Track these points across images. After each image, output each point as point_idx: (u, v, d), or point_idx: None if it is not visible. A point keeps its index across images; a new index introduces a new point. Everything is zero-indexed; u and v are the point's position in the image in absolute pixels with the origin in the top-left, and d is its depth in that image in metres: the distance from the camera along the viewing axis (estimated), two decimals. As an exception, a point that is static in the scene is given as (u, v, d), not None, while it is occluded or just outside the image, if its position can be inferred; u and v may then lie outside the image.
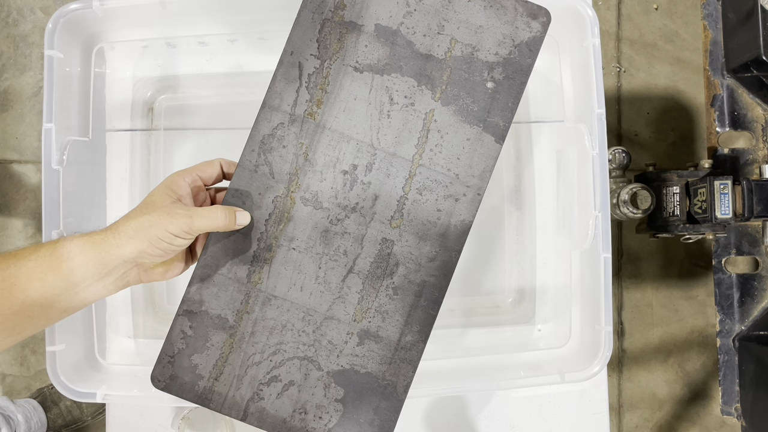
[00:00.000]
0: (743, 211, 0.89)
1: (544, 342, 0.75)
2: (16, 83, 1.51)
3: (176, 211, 0.50)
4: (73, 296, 0.49)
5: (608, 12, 1.57)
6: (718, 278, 0.99)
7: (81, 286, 0.49)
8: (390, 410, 0.56)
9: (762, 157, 0.99)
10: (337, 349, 0.56)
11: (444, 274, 0.56)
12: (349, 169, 0.56)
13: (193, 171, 0.54)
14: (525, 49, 0.57)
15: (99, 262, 0.48)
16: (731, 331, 0.98)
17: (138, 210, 0.50)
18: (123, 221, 0.50)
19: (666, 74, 1.56)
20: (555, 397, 0.75)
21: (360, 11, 0.56)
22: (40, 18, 1.52)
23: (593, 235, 0.65)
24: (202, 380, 0.55)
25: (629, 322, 1.55)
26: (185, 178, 0.53)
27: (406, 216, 0.56)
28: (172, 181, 0.52)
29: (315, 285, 0.56)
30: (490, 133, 0.57)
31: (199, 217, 0.50)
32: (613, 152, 0.98)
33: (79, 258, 0.48)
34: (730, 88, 0.99)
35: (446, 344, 0.74)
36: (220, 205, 0.54)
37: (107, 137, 0.74)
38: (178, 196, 0.52)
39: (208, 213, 0.51)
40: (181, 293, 0.56)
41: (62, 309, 0.49)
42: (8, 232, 1.49)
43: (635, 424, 1.53)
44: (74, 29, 0.65)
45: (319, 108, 0.56)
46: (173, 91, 0.77)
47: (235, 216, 0.53)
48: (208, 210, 0.51)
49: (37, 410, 1.28)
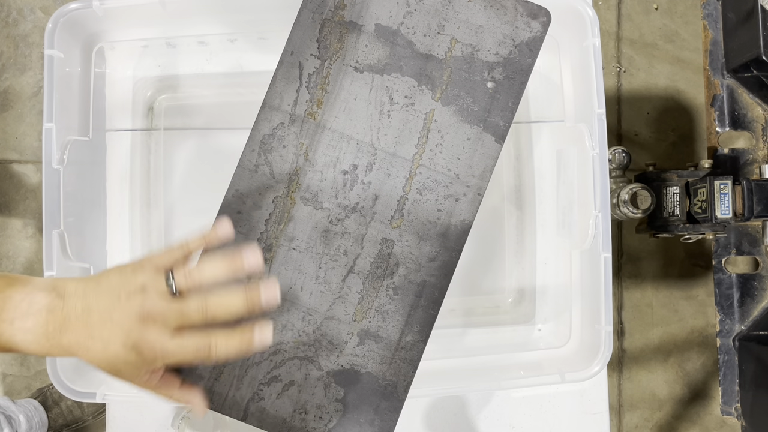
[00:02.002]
0: (743, 211, 0.89)
1: (544, 342, 0.75)
2: (16, 83, 1.51)
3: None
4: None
5: (608, 12, 1.57)
6: (718, 278, 0.99)
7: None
8: (390, 410, 0.56)
9: (762, 157, 0.99)
10: (337, 349, 0.56)
11: (444, 274, 0.56)
12: (349, 169, 0.56)
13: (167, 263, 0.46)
14: (525, 49, 0.57)
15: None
16: (731, 331, 0.98)
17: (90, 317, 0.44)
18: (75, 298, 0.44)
19: (666, 74, 1.56)
20: (555, 397, 0.75)
21: (360, 11, 0.56)
22: (40, 18, 1.52)
23: (593, 235, 0.65)
24: (202, 380, 0.55)
25: (629, 322, 1.55)
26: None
27: (406, 216, 0.56)
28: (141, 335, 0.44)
29: (315, 285, 0.56)
30: (491, 133, 0.57)
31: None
32: (613, 152, 0.98)
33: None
34: (730, 88, 0.99)
35: (446, 344, 0.74)
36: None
37: (107, 137, 0.74)
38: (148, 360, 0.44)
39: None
40: (181, 293, 0.56)
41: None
42: (8, 232, 1.49)
43: (635, 424, 1.53)
44: (74, 29, 0.65)
45: (319, 108, 0.56)
46: (173, 91, 0.77)
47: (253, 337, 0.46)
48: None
49: (38, 410, 1.28)
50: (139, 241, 0.74)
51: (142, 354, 0.44)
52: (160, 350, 0.44)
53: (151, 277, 0.45)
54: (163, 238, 0.75)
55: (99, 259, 0.71)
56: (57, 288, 0.45)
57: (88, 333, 0.44)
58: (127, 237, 0.74)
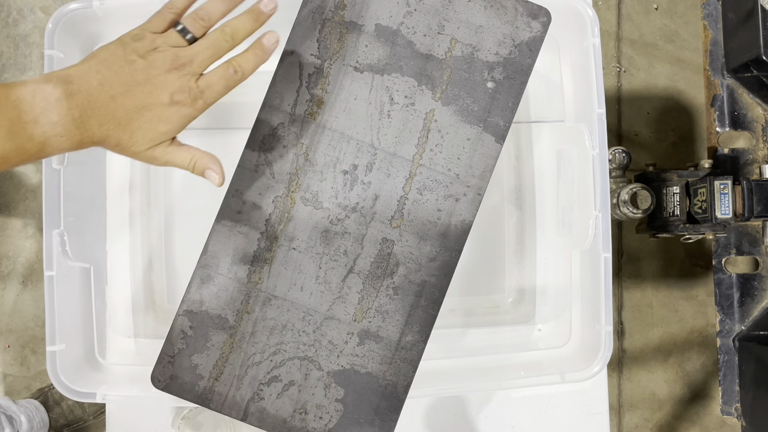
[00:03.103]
0: (743, 211, 0.89)
1: (544, 342, 0.75)
2: (16, 83, 1.51)
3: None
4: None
5: (608, 12, 1.57)
6: (718, 278, 0.99)
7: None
8: (390, 410, 0.56)
9: (762, 157, 0.99)
10: (337, 349, 0.56)
11: (444, 274, 0.56)
12: (349, 169, 0.56)
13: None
14: (525, 48, 0.57)
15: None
16: (731, 331, 0.98)
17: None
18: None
19: (666, 74, 1.56)
20: (555, 397, 0.75)
21: (360, 11, 0.56)
22: (40, 18, 1.52)
23: (593, 235, 0.65)
24: (202, 380, 0.55)
25: (629, 322, 1.55)
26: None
27: (406, 216, 0.56)
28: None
29: (315, 285, 0.56)
30: (491, 133, 0.57)
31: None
32: (613, 152, 0.98)
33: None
34: (730, 88, 0.99)
35: (446, 344, 0.74)
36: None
37: (107, 137, 0.74)
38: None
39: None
40: (181, 293, 0.56)
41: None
42: (8, 232, 1.49)
43: (635, 424, 1.53)
44: (74, 29, 0.65)
45: (319, 108, 0.56)
46: (173, 91, 0.77)
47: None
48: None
49: (39, 410, 1.28)
50: (139, 241, 0.74)
51: (182, 103, 0.45)
52: (199, 92, 0.46)
53: (159, 38, 0.46)
54: (163, 238, 0.75)
55: (99, 259, 0.71)
56: (60, 77, 0.44)
57: (117, 104, 0.44)
58: (127, 237, 0.74)
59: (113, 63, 0.44)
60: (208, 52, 0.46)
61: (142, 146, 0.46)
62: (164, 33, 0.46)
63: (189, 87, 0.45)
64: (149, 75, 0.45)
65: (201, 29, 0.47)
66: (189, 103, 0.46)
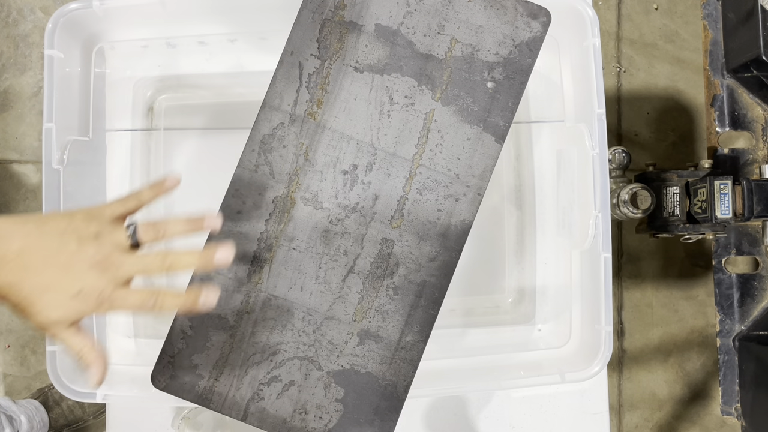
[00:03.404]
0: (743, 211, 0.89)
1: (544, 342, 0.75)
2: (16, 83, 1.51)
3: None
4: None
5: (608, 12, 1.57)
6: (718, 278, 0.99)
7: None
8: (390, 410, 0.56)
9: (762, 157, 0.99)
10: (337, 349, 0.56)
11: (444, 274, 0.56)
12: (349, 169, 0.56)
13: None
14: (525, 48, 0.57)
15: None
16: (731, 331, 0.98)
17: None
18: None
19: (666, 74, 1.56)
20: (555, 397, 0.75)
21: (360, 11, 0.56)
22: (40, 18, 1.52)
23: (593, 235, 0.65)
24: (202, 380, 0.55)
25: (629, 322, 1.55)
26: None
27: (406, 216, 0.56)
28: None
29: (315, 285, 0.56)
30: (491, 133, 0.57)
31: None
32: (613, 152, 0.98)
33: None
34: (730, 88, 0.99)
35: (446, 344, 0.74)
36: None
37: (107, 137, 0.74)
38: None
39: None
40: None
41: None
42: (8, 232, 1.49)
43: (635, 424, 1.53)
44: (74, 29, 0.65)
45: (319, 108, 0.56)
46: (173, 91, 0.77)
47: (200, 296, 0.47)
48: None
49: (39, 410, 1.28)
50: (139, 241, 0.74)
51: (86, 301, 0.44)
52: (108, 299, 0.44)
53: (107, 227, 0.45)
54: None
55: (99, 259, 0.71)
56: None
57: (23, 275, 0.43)
58: (127, 237, 0.73)
59: (47, 235, 0.44)
60: (137, 268, 0.45)
61: (38, 320, 0.44)
62: (115, 223, 0.46)
63: (101, 290, 0.44)
64: (71, 262, 0.43)
65: (150, 239, 0.47)
66: (92, 304, 0.44)
